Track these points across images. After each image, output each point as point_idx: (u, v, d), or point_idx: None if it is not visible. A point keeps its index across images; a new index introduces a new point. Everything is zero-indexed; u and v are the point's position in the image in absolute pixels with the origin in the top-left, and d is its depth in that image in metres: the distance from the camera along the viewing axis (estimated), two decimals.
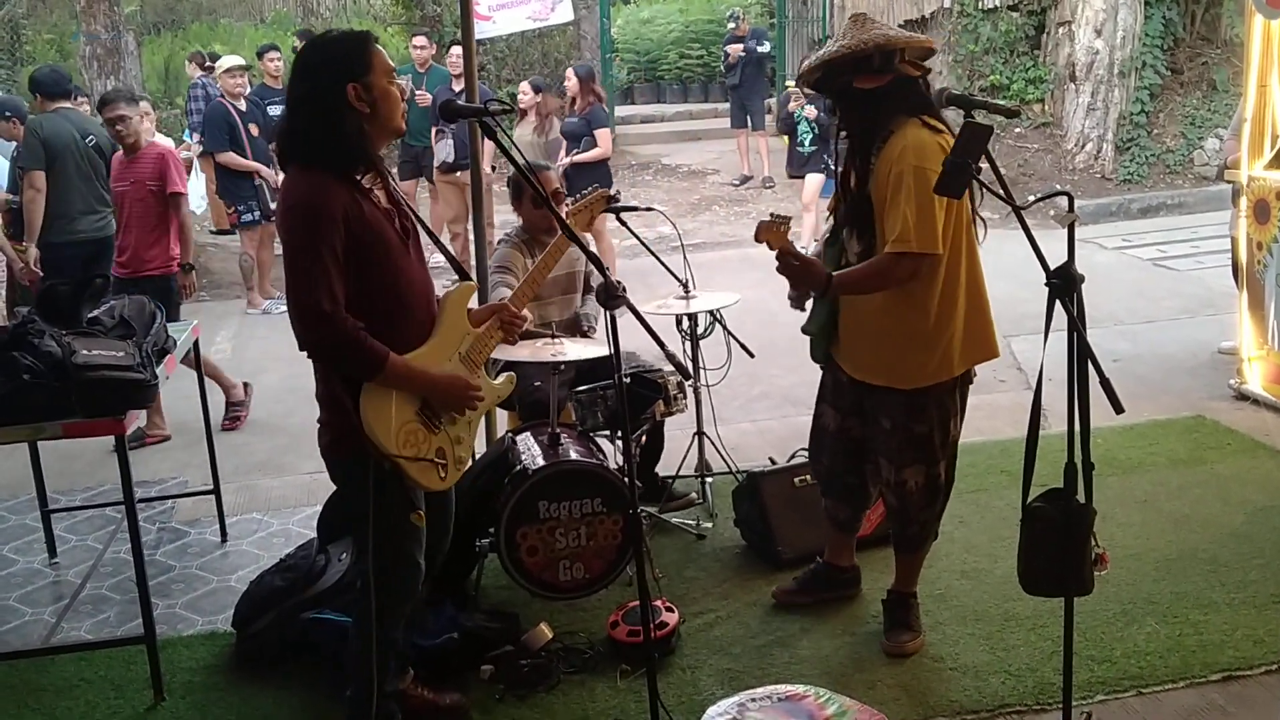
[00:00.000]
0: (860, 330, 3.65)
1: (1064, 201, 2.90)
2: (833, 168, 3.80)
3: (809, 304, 3.77)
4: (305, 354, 2.99)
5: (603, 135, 9.06)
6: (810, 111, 9.88)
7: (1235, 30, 12.83)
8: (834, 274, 3.50)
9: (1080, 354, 2.83)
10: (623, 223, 4.90)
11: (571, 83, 9.40)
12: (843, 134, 3.58)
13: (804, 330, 3.81)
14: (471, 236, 5.58)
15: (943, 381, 3.58)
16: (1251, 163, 5.96)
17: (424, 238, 3.31)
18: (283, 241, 3.01)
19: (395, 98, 3.04)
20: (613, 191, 4.18)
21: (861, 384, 3.70)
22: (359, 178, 3.04)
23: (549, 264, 3.74)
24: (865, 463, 3.81)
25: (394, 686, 3.38)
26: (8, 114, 7.35)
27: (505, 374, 3.54)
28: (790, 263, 3.45)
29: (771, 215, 3.46)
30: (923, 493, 3.70)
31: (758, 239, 3.46)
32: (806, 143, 10.09)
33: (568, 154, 9.04)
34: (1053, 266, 2.88)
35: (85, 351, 3.63)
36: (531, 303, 4.63)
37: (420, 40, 10.72)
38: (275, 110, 9.24)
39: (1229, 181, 6.36)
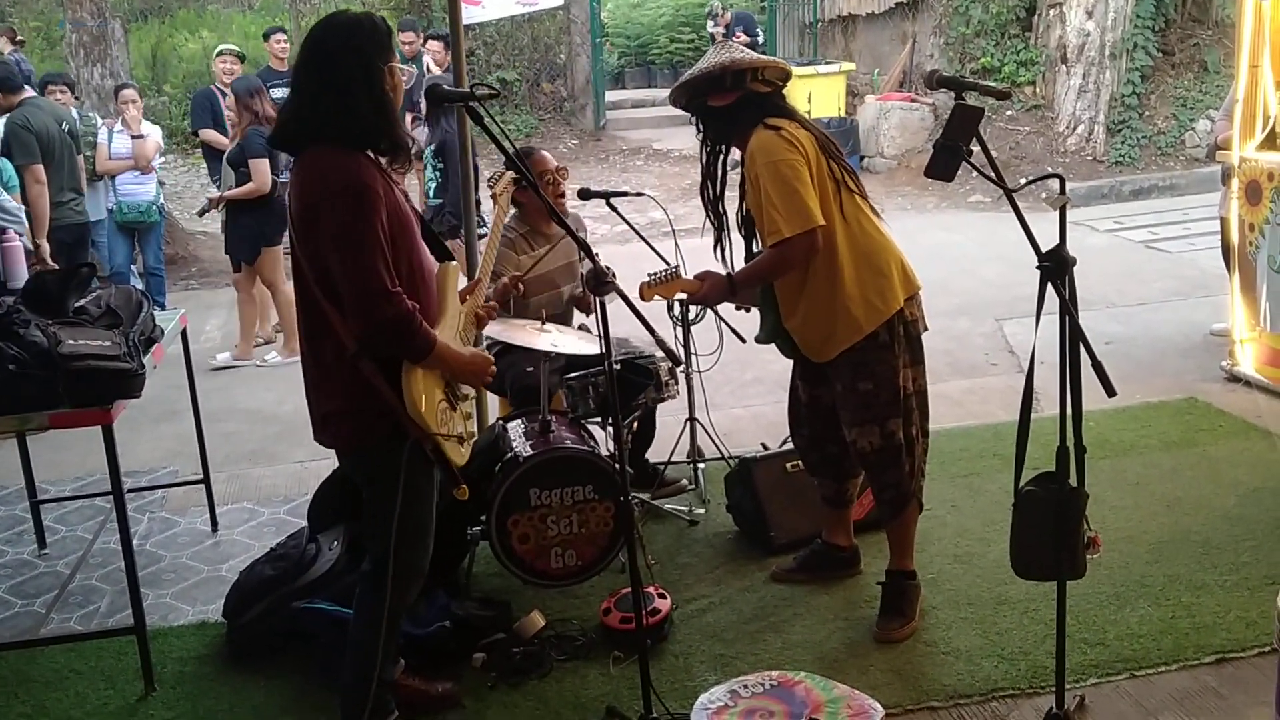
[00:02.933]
0: (796, 319, 3.79)
1: (1055, 184, 2.89)
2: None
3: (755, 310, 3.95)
4: (362, 339, 2.90)
5: (257, 167, 7.30)
6: None
7: (1226, 11, 12.82)
8: (731, 273, 3.79)
9: (1072, 337, 2.82)
10: (613, 208, 4.88)
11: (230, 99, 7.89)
12: (707, 149, 3.93)
13: (757, 340, 4.01)
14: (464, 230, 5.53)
15: (872, 336, 3.68)
16: (1243, 144, 5.94)
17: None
18: (330, 224, 2.86)
19: (401, 87, 3.06)
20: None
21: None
22: (389, 157, 3.04)
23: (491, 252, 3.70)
24: (839, 429, 3.88)
25: (390, 676, 3.37)
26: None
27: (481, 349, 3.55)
28: (689, 298, 3.83)
29: (649, 274, 3.71)
30: (880, 453, 3.76)
31: (643, 299, 3.61)
32: None
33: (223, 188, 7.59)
34: (1044, 249, 2.87)
35: (71, 341, 3.60)
36: (533, 295, 4.63)
37: (407, 35, 10.68)
38: (279, 93, 9.15)
39: (1219, 163, 6.35)
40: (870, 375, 3.70)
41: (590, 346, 4.28)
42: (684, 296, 3.98)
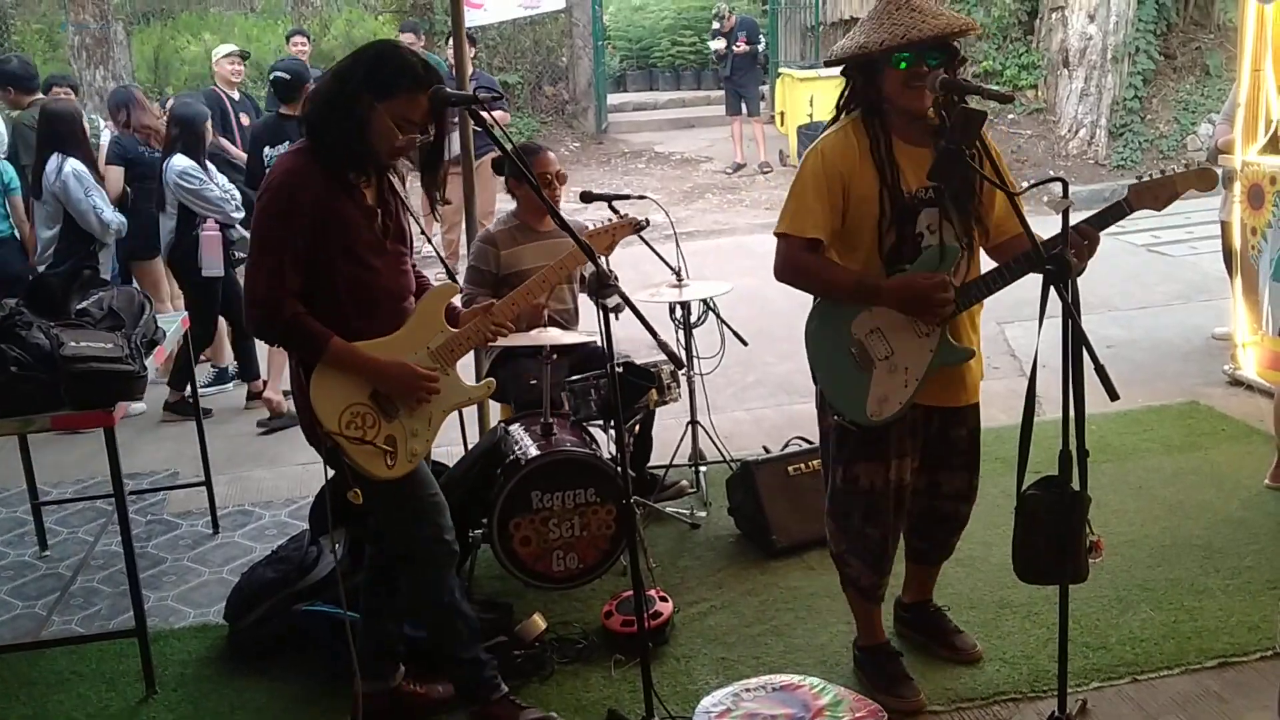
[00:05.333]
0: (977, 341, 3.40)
1: (1058, 187, 2.88)
2: None
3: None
4: (250, 331, 3.11)
5: (107, 172, 6.81)
6: None
7: (1228, 15, 12.82)
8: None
9: (1075, 340, 2.81)
10: (615, 210, 4.87)
11: None
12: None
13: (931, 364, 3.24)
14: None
15: None
16: (1245, 148, 5.94)
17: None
18: (254, 219, 3.09)
19: (389, 138, 3.00)
20: (642, 220, 4.05)
21: (930, 408, 3.37)
22: (349, 175, 3.05)
23: (549, 282, 3.57)
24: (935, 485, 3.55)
25: (472, 653, 3.42)
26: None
27: (486, 379, 3.53)
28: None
29: None
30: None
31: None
32: None
33: None
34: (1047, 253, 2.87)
35: (73, 343, 3.61)
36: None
37: (407, 37, 10.60)
38: None
39: (1221, 166, 6.35)
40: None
41: (581, 338, 4.24)
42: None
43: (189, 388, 5.44)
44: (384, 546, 3.44)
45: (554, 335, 4.21)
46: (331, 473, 3.23)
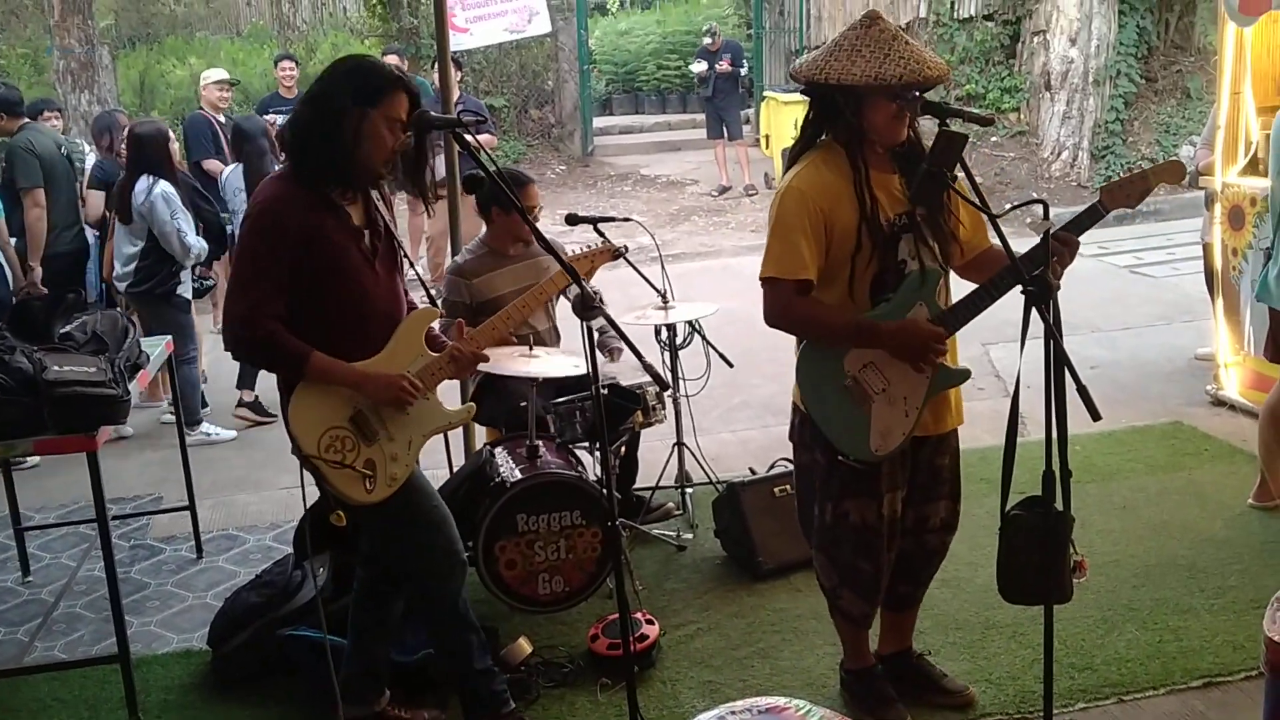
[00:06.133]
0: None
1: (1040, 209, 2.90)
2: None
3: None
4: (228, 349, 3.08)
5: (88, 196, 6.93)
6: None
7: (1208, 38, 12.93)
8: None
9: (1057, 361, 2.83)
10: (600, 234, 4.88)
11: None
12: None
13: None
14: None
15: None
16: (1225, 169, 5.99)
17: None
18: (239, 241, 3.12)
19: (382, 144, 3.02)
20: (620, 248, 4.08)
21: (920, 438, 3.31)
22: (334, 193, 3.06)
23: (530, 307, 3.69)
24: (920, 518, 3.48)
25: (484, 664, 3.43)
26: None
27: (466, 404, 3.52)
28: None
29: None
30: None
31: None
32: None
33: None
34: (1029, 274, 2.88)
35: (57, 367, 3.60)
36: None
37: (391, 59, 10.58)
38: (283, 120, 9.09)
39: (1202, 188, 6.39)
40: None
41: (571, 367, 4.23)
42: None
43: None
44: (376, 568, 3.43)
45: (541, 366, 4.20)
46: (313, 497, 3.22)
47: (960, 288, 3.23)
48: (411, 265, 3.58)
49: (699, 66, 13.67)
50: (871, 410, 3.16)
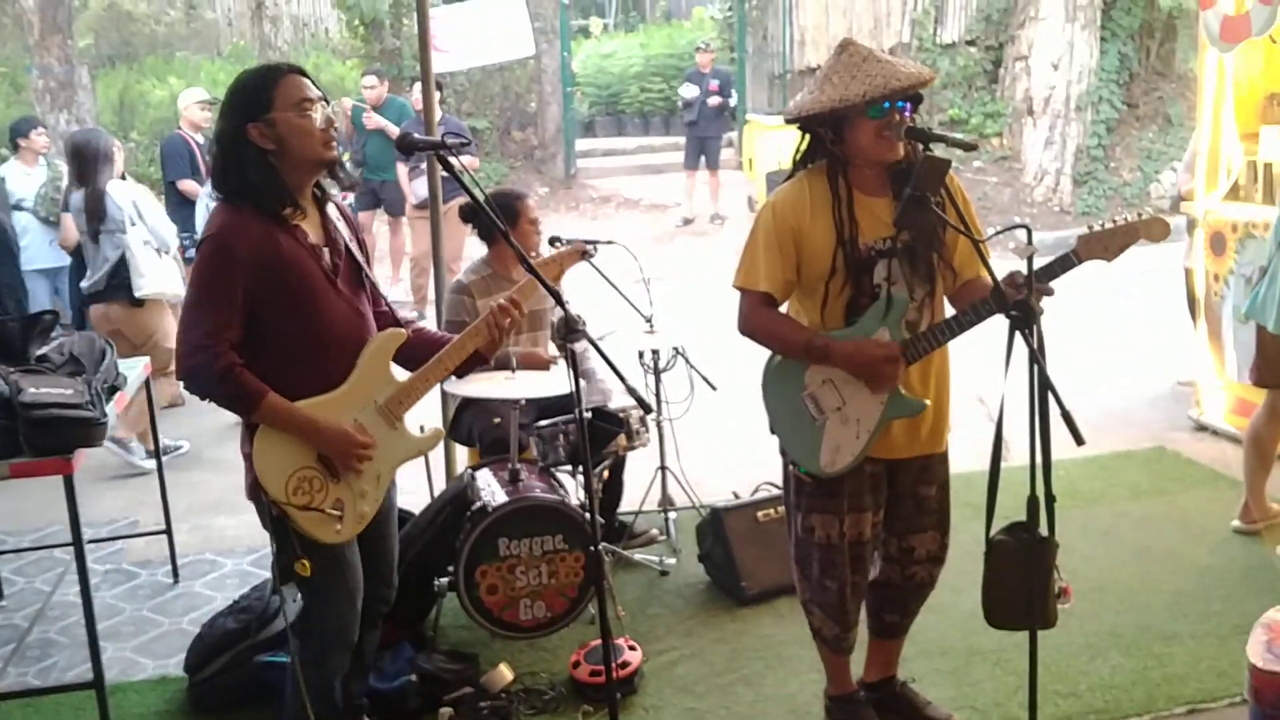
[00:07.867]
0: (931, 388, 3.32)
1: (1023, 234, 2.90)
2: None
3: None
4: (183, 382, 2.93)
5: (63, 220, 6.99)
6: None
7: (1189, 65, 13.05)
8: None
9: (1041, 386, 2.82)
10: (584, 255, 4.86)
11: None
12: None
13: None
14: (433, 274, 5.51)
15: None
16: (1207, 195, 6.02)
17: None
18: (192, 272, 2.97)
19: (306, 130, 2.89)
20: (588, 246, 4.07)
21: (895, 462, 3.34)
22: (283, 212, 2.92)
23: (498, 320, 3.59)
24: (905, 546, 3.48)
25: None
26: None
27: (433, 428, 3.32)
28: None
29: None
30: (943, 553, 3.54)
31: None
32: None
33: None
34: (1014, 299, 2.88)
35: (33, 389, 3.56)
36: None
37: (369, 80, 10.57)
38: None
39: (1183, 214, 6.43)
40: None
41: (554, 387, 4.17)
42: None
43: None
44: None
45: (521, 385, 4.16)
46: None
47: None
48: (381, 297, 3.43)
49: (689, 91, 13.44)
50: (825, 426, 3.18)
